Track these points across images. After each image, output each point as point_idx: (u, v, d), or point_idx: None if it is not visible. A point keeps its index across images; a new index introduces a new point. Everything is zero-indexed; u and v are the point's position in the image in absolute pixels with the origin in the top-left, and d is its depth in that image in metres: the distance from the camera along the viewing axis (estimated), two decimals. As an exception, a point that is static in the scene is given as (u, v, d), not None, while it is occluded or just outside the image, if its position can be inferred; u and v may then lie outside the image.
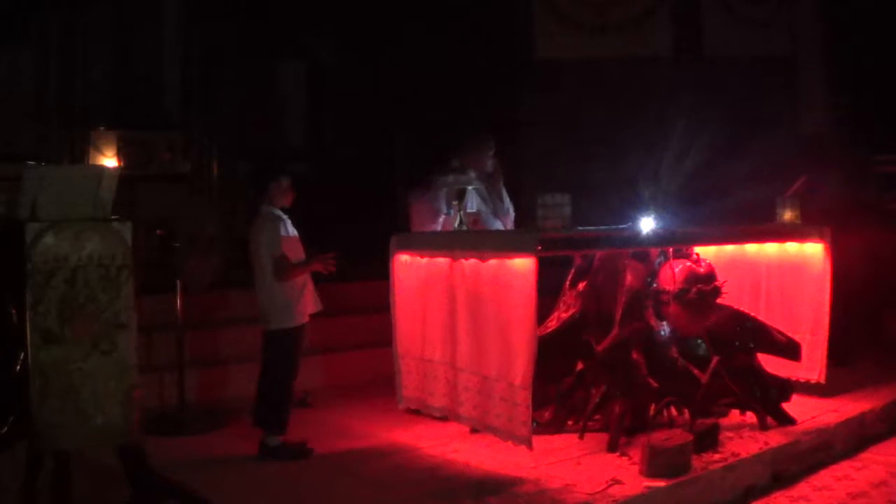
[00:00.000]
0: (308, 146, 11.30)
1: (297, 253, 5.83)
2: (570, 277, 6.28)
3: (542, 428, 5.87)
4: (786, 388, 6.25)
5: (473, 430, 5.81)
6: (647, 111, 10.27)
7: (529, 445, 5.01)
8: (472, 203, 6.52)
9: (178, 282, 6.69)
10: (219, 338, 7.77)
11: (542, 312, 5.58)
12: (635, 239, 5.88)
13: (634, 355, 5.84)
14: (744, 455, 5.54)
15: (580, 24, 10.40)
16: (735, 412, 6.27)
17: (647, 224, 5.88)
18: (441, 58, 10.28)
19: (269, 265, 5.69)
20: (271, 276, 5.69)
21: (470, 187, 6.09)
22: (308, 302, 5.87)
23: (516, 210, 7.04)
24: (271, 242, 5.70)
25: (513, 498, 4.86)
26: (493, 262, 5.25)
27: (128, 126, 9.36)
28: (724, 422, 5.98)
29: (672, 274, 6.10)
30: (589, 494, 4.84)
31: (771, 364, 6.34)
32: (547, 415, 6.03)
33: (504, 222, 6.85)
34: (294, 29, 10.65)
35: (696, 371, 5.99)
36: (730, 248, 6.80)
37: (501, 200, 6.88)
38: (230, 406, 6.92)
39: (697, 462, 5.30)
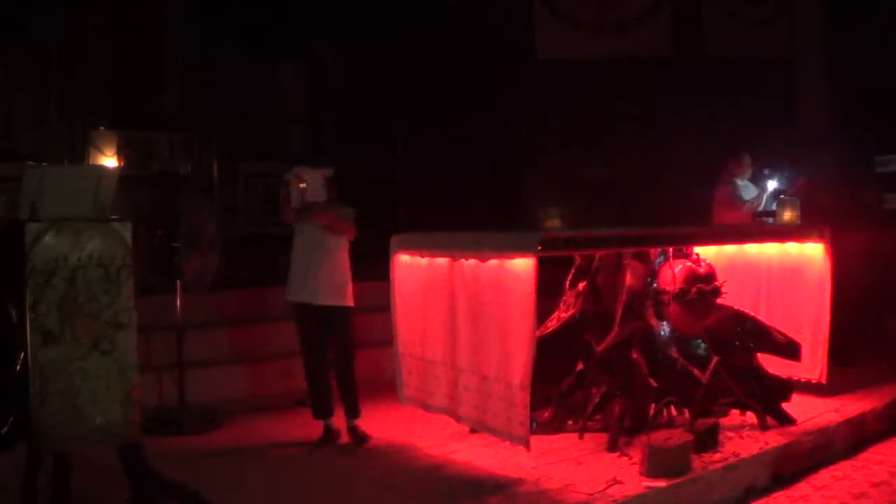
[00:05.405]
0: (309, 146, 11.29)
1: None
2: (570, 277, 6.28)
3: (541, 428, 5.87)
4: (786, 388, 6.25)
5: (473, 430, 5.81)
6: (647, 111, 10.28)
7: (527, 445, 5.01)
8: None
9: (178, 282, 6.69)
10: (219, 338, 7.77)
11: (543, 313, 5.57)
12: (635, 239, 5.87)
13: (634, 355, 5.84)
14: (744, 455, 5.53)
15: (580, 23, 10.40)
16: (735, 412, 6.26)
17: None
18: (441, 58, 10.28)
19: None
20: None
21: None
22: None
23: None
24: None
25: (513, 498, 4.86)
26: (492, 262, 5.24)
27: (128, 126, 9.36)
28: (724, 422, 5.98)
29: (672, 274, 6.10)
30: (589, 494, 4.84)
31: (771, 364, 6.34)
32: (547, 415, 6.02)
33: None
34: (294, 29, 10.64)
35: (696, 371, 5.99)
36: (730, 249, 6.79)
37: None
38: (230, 406, 6.93)
39: (697, 462, 5.30)
